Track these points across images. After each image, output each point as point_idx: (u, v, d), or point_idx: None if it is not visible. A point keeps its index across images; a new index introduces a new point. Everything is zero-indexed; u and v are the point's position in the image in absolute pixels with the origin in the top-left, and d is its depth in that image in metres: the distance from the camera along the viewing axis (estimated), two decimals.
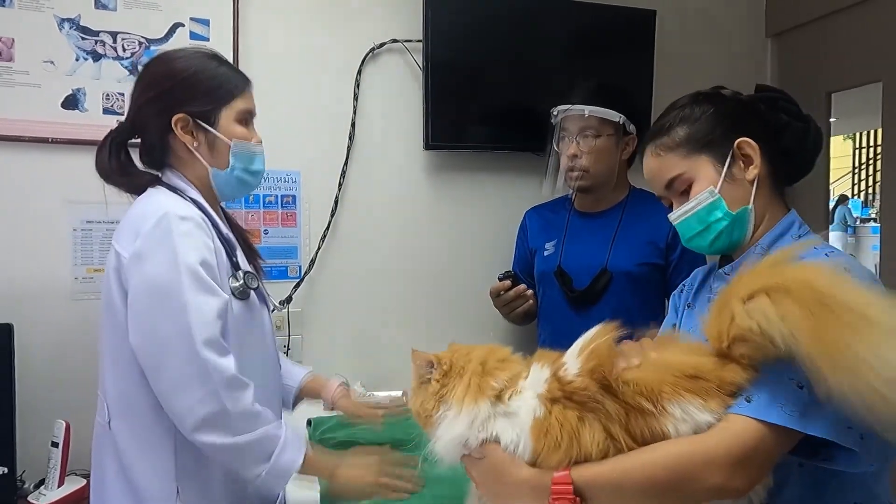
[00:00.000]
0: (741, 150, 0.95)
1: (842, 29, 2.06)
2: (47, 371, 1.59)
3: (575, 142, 1.56)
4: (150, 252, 1.01)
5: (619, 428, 0.78)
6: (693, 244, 1.00)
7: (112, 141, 1.13)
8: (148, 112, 1.10)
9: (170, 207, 1.03)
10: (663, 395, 0.77)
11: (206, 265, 1.02)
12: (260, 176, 1.19)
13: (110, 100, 1.65)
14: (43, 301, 1.60)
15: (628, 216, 1.60)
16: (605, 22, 2.00)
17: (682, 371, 0.78)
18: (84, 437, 1.45)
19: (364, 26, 1.87)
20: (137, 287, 1.01)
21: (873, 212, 7.97)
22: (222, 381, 0.98)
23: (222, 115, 1.11)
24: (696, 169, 0.97)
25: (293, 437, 1.08)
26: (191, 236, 1.02)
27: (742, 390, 0.78)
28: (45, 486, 1.47)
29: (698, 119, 0.98)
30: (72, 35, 1.61)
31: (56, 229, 1.62)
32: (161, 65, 1.12)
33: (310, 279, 1.86)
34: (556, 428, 0.79)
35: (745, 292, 0.77)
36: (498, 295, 1.64)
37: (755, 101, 1.01)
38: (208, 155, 1.12)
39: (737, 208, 0.95)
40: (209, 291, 1.01)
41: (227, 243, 1.14)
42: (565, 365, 0.84)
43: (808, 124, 0.99)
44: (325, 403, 1.36)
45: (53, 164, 1.61)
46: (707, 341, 0.83)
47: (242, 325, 1.11)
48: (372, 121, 1.90)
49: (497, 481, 0.84)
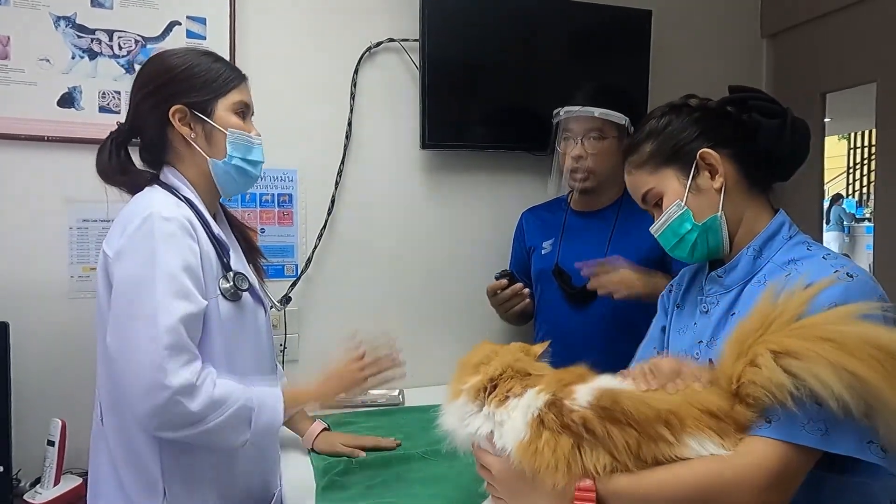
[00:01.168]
0: (704, 161, 0.96)
1: (836, 30, 2.07)
2: (43, 369, 1.58)
3: (580, 143, 1.57)
4: (131, 252, 1.01)
5: (628, 455, 0.78)
6: (675, 255, 1.02)
7: (112, 141, 1.15)
8: (145, 108, 1.12)
9: (155, 208, 1.03)
10: (686, 429, 0.77)
11: (187, 269, 1.02)
12: (260, 167, 1.19)
13: (106, 98, 1.65)
14: (39, 299, 1.60)
15: (624, 214, 1.61)
16: (601, 22, 2.00)
17: (706, 407, 0.78)
18: (80, 435, 1.45)
19: (361, 25, 1.87)
20: (116, 286, 1.02)
21: (867, 211, 8.01)
22: (181, 389, 0.96)
23: (218, 105, 1.12)
24: (664, 183, 0.99)
25: (268, 395, 1.07)
26: (173, 238, 1.02)
27: (749, 429, 0.78)
28: (41, 485, 1.46)
29: (661, 133, 1.00)
30: (68, 33, 1.60)
31: (52, 228, 1.61)
32: (156, 62, 1.14)
33: (306, 278, 1.86)
34: (548, 453, 0.80)
35: (776, 345, 0.75)
36: (495, 294, 1.64)
37: (723, 106, 1.00)
38: (206, 146, 1.13)
39: (705, 218, 0.96)
40: (184, 297, 1.00)
41: (219, 244, 1.13)
42: (575, 394, 0.84)
43: (784, 119, 0.97)
44: (303, 442, 1.39)
45: (49, 163, 1.61)
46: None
47: (232, 327, 1.11)
48: (369, 120, 1.90)
49: (518, 484, 0.84)
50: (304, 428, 1.40)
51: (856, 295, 0.81)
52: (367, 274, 1.92)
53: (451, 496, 1.14)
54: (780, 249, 0.95)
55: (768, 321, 0.78)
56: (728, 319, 0.96)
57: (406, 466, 1.27)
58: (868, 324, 0.74)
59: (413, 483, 1.20)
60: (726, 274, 0.98)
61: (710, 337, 0.98)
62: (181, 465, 1.07)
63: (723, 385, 0.80)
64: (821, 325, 0.75)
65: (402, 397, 1.78)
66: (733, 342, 0.81)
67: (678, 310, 1.10)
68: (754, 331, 0.79)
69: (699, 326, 1.02)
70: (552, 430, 0.81)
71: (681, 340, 1.05)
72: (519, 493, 0.85)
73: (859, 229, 7.48)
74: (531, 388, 0.89)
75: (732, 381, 0.79)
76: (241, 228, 1.30)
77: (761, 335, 0.77)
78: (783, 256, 0.93)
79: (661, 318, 1.17)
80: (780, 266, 0.92)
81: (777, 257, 0.94)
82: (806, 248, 0.93)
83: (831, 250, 0.94)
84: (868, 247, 7.02)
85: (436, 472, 1.24)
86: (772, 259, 0.94)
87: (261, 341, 1.21)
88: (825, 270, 0.85)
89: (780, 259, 0.93)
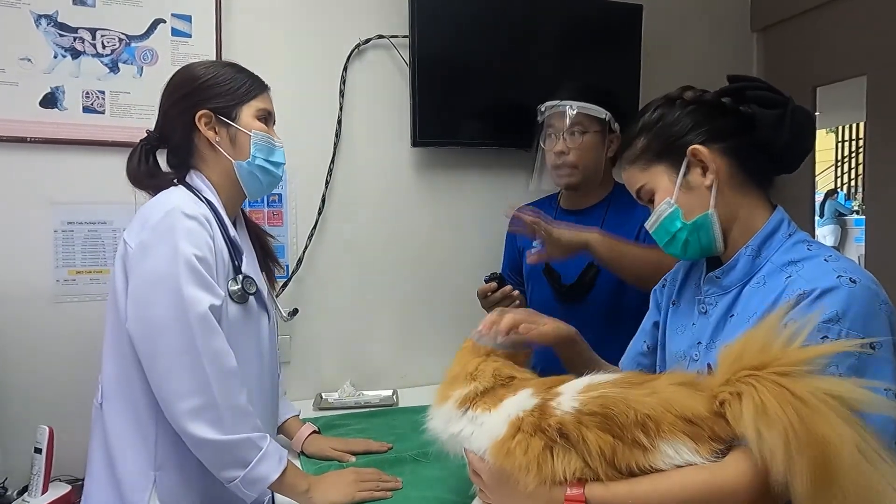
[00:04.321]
0: (695, 157, 0.93)
1: (827, 23, 2.07)
2: (30, 376, 1.56)
3: (562, 138, 1.57)
4: (154, 244, 1.05)
5: (601, 461, 0.77)
6: (669, 252, 1.00)
7: (142, 148, 1.20)
8: (173, 114, 1.18)
9: (177, 203, 1.08)
10: (662, 434, 0.76)
11: (203, 262, 1.06)
12: (282, 168, 1.25)
13: (90, 98, 1.62)
14: (24, 304, 1.57)
15: (613, 211, 1.60)
16: (592, 16, 1.99)
17: (682, 413, 0.77)
18: (68, 442, 1.43)
19: (349, 22, 1.85)
20: (139, 276, 1.05)
21: (856, 204, 8.07)
22: (215, 373, 1.02)
23: (242, 111, 1.18)
24: (655, 180, 0.97)
25: (275, 450, 1.09)
26: (193, 233, 1.06)
27: (730, 444, 0.77)
28: (29, 493, 1.44)
29: (653, 128, 0.97)
30: (49, 32, 1.57)
31: (37, 231, 1.58)
32: (183, 73, 1.20)
33: (297, 278, 1.84)
34: (519, 454, 0.81)
35: (760, 396, 0.72)
36: (485, 296, 1.64)
37: (718, 98, 0.96)
38: (230, 148, 1.18)
39: (695, 216, 0.93)
40: (205, 287, 1.05)
41: (233, 246, 1.16)
42: (560, 397, 0.84)
43: (785, 109, 0.91)
44: (292, 445, 1.38)
45: (33, 165, 1.58)
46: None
47: (237, 330, 1.13)
48: (359, 118, 1.88)
49: (507, 489, 0.83)
50: (294, 431, 1.39)
51: (857, 303, 0.80)
52: (359, 274, 1.90)
53: (443, 498, 1.12)
54: (779, 249, 0.92)
55: (767, 359, 0.75)
56: (727, 321, 0.94)
57: (397, 469, 1.25)
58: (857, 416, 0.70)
59: (405, 485, 1.19)
60: (724, 275, 0.96)
61: (709, 339, 0.96)
62: (174, 459, 1.08)
63: (706, 395, 0.79)
64: (810, 391, 0.71)
65: (395, 398, 1.77)
66: (729, 360, 0.79)
67: (674, 307, 1.08)
68: (752, 358, 0.76)
69: (698, 327, 1.00)
70: (526, 431, 0.82)
71: (679, 340, 1.04)
72: (507, 497, 0.84)
73: (848, 222, 7.53)
74: (523, 389, 0.90)
75: (716, 402, 0.77)
76: (259, 234, 1.34)
77: (753, 369, 0.75)
78: (783, 257, 0.91)
79: (653, 314, 1.15)
80: (779, 267, 0.90)
81: (776, 257, 0.91)
82: (806, 248, 0.90)
83: (832, 250, 0.92)
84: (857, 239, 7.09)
85: (427, 474, 1.23)
86: (771, 259, 0.91)
87: (262, 348, 1.22)
88: (828, 274, 0.83)
89: (780, 260, 0.90)
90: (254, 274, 1.20)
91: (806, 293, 0.82)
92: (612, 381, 0.85)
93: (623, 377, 0.87)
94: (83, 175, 1.62)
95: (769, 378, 0.73)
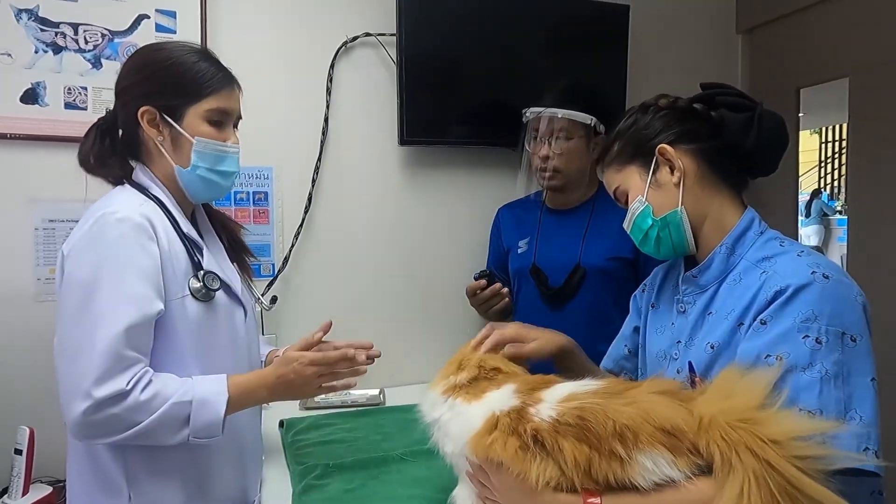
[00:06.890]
0: (662, 156, 0.97)
1: (810, 26, 2.10)
2: (10, 375, 1.53)
3: (546, 143, 1.57)
4: (78, 252, 0.99)
5: (576, 472, 0.77)
6: (645, 251, 1.03)
7: (97, 128, 1.11)
8: (122, 101, 1.09)
9: (110, 208, 1.00)
10: (639, 444, 0.75)
11: (139, 272, 0.98)
12: (231, 178, 1.15)
13: (72, 94, 1.59)
14: (4, 303, 1.54)
15: (598, 212, 1.61)
16: (579, 16, 2.00)
17: (661, 424, 0.76)
18: (49, 443, 1.41)
19: (336, 19, 1.84)
20: (63, 286, 1.00)
21: (839, 204, 8.18)
22: (105, 399, 0.93)
23: (189, 111, 1.08)
24: (628, 180, 1.01)
25: (209, 387, 1.02)
26: (124, 240, 0.98)
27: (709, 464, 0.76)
28: (9, 495, 1.42)
29: (626, 132, 1.02)
30: (30, 26, 1.54)
31: (17, 229, 1.56)
32: (139, 55, 1.10)
33: (283, 277, 1.83)
34: (499, 448, 0.82)
35: (750, 438, 0.71)
36: (474, 294, 1.64)
37: (690, 104, 1.00)
38: (172, 151, 1.09)
39: (665, 212, 0.97)
40: (130, 302, 0.97)
41: (191, 243, 1.10)
42: (540, 404, 0.83)
43: (753, 112, 0.95)
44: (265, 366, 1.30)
45: (13, 161, 1.55)
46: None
47: (203, 328, 1.08)
48: (346, 116, 1.87)
49: (522, 495, 0.82)
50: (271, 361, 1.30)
51: (832, 298, 0.82)
52: (346, 272, 1.90)
53: (431, 497, 1.12)
54: (752, 246, 0.94)
55: (756, 418, 0.74)
56: (705, 319, 0.96)
57: (385, 468, 1.25)
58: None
59: (392, 484, 1.19)
60: (701, 273, 0.98)
61: (688, 337, 0.98)
62: (147, 469, 1.04)
63: (685, 409, 0.78)
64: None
65: (382, 397, 1.76)
66: (721, 394, 0.78)
67: (654, 309, 1.10)
68: (741, 411, 0.75)
69: (677, 326, 1.02)
70: (503, 431, 0.83)
71: (659, 340, 1.06)
72: (522, 496, 0.83)
73: (831, 221, 7.63)
74: (508, 384, 0.91)
75: (702, 444, 0.76)
76: (226, 224, 1.26)
77: (741, 421, 0.74)
78: (756, 254, 0.93)
79: (633, 318, 1.18)
80: (754, 264, 0.92)
81: (750, 254, 0.94)
82: (779, 245, 0.93)
83: (804, 246, 0.95)
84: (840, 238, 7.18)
85: (415, 473, 1.23)
86: (745, 256, 0.94)
87: (238, 342, 1.16)
88: (801, 270, 0.85)
89: (754, 256, 0.93)
90: (218, 269, 1.13)
91: (782, 290, 0.84)
92: (593, 392, 0.84)
93: (605, 386, 0.86)
94: (64, 172, 1.57)
95: (746, 428, 0.72)
